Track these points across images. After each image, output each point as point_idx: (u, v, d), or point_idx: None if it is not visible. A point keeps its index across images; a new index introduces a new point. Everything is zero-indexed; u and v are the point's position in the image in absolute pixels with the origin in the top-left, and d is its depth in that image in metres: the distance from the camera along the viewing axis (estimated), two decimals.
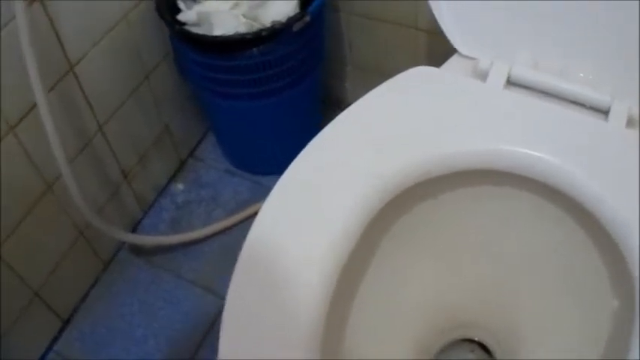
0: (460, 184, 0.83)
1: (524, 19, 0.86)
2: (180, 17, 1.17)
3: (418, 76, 0.86)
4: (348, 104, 0.76)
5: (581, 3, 0.81)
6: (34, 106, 0.98)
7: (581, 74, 0.85)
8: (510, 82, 0.85)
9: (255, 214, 0.73)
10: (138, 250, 1.34)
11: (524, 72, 0.85)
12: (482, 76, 0.86)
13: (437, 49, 0.92)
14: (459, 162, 0.79)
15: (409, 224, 0.85)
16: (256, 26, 1.14)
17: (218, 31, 1.12)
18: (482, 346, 0.99)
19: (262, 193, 1.36)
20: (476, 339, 0.99)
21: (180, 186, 1.45)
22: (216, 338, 0.65)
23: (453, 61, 0.90)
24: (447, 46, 0.92)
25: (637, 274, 0.68)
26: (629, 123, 0.80)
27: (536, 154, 0.77)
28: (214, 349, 0.64)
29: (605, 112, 0.81)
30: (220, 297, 1.24)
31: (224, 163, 1.48)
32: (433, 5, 0.90)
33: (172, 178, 1.46)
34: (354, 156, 0.78)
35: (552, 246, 0.85)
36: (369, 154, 0.78)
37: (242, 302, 0.68)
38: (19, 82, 0.95)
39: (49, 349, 1.22)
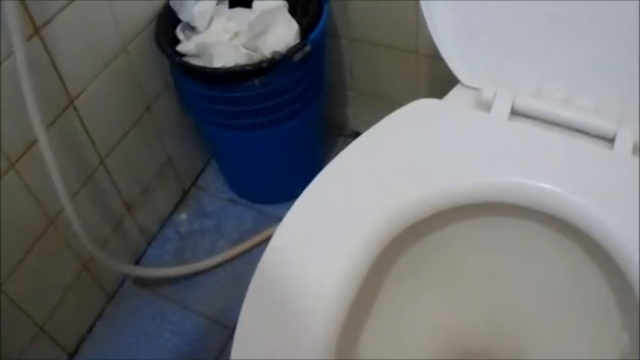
0: (467, 217, 0.83)
1: (526, 48, 0.86)
2: (180, 48, 1.17)
3: (421, 109, 0.86)
4: (350, 130, 0.76)
5: (583, 31, 0.81)
6: (35, 141, 0.97)
7: (586, 102, 0.84)
8: (514, 112, 0.85)
9: (260, 243, 0.72)
10: (143, 282, 1.34)
11: (528, 102, 0.84)
12: (486, 106, 0.85)
13: (438, 74, 0.92)
14: (465, 196, 0.79)
15: (417, 256, 0.85)
16: (256, 57, 1.14)
17: (218, 62, 1.12)
18: None
19: (266, 221, 1.36)
20: None
21: (183, 216, 1.44)
22: None
23: (455, 92, 0.90)
24: (448, 71, 0.91)
25: None
26: (635, 150, 0.79)
27: (542, 185, 0.76)
28: None
29: (610, 140, 0.80)
30: (227, 327, 1.24)
31: (227, 192, 1.47)
32: (435, 37, 0.89)
33: (176, 209, 1.46)
34: (361, 192, 0.78)
35: (560, 276, 0.85)
36: (376, 190, 0.78)
37: (253, 329, 0.68)
38: (19, 118, 0.94)
39: None
